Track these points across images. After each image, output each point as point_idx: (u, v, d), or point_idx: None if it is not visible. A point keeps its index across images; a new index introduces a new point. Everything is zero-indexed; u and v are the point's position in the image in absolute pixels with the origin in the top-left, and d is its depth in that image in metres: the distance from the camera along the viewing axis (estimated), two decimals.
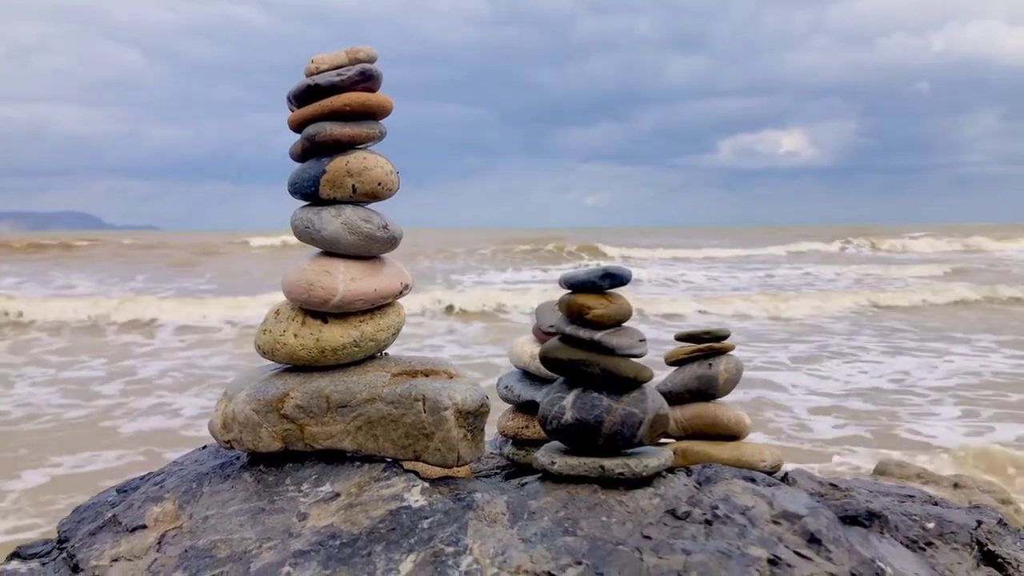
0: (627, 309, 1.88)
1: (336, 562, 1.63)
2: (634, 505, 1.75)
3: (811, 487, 2.03)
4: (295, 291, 1.94)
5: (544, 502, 1.77)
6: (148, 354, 9.77)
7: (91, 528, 1.91)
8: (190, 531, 1.79)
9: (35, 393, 7.53)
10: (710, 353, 2.20)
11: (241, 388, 1.98)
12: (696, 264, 25.85)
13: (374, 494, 1.81)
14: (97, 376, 8.33)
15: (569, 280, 1.89)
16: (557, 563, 1.57)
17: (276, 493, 1.86)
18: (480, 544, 1.64)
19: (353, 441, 1.92)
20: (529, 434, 2.20)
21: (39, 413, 6.77)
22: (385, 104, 1.96)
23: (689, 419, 2.18)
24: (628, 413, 1.82)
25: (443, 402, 1.88)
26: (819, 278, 20.94)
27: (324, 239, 1.94)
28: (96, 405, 7.05)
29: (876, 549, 1.72)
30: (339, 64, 1.95)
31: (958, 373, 8.24)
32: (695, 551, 1.59)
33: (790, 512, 1.73)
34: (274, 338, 1.96)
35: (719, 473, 1.93)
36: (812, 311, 13.74)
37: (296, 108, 1.97)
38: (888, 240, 36.32)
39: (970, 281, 17.99)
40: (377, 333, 1.97)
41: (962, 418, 6.50)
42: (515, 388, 2.25)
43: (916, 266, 23.05)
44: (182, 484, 1.97)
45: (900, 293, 15.77)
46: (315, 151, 1.95)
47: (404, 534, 1.69)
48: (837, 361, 9.07)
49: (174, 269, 22.21)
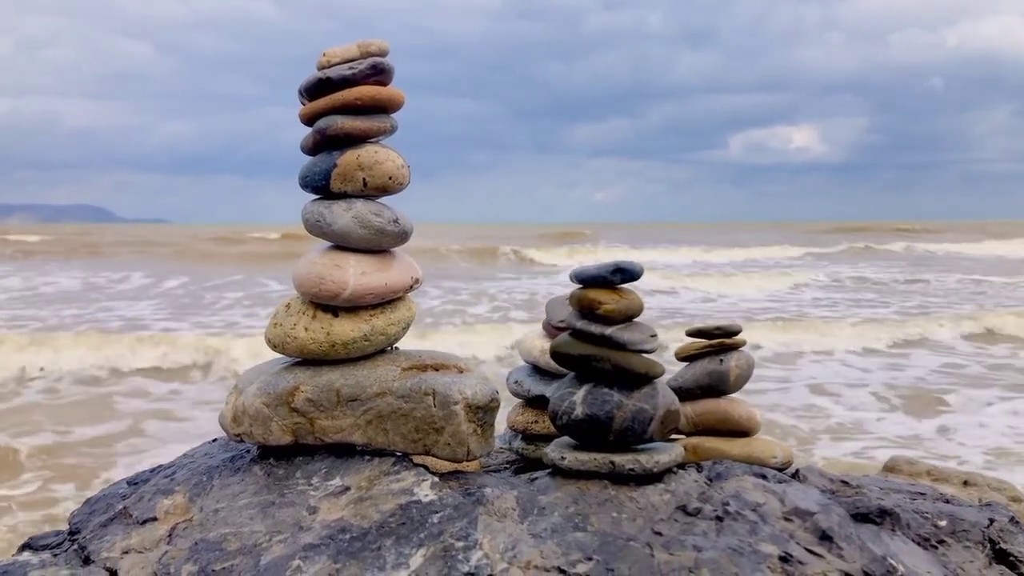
0: (638, 304, 1.87)
1: (346, 556, 1.63)
2: (645, 501, 1.75)
3: (822, 484, 2.02)
4: (306, 285, 1.94)
5: (554, 497, 1.76)
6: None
7: (102, 520, 1.92)
8: (200, 524, 1.80)
9: None
10: (721, 349, 2.19)
11: (251, 381, 1.98)
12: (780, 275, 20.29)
13: (384, 488, 1.81)
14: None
15: (580, 275, 1.88)
16: (567, 558, 1.57)
17: (286, 486, 1.86)
18: (490, 539, 1.64)
19: (363, 435, 1.92)
20: (539, 429, 2.19)
21: None
22: (396, 98, 1.96)
23: (700, 415, 2.17)
24: (639, 409, 1.81)
25: (453, 396, 1.88)
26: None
27: (335, 233, 1.94)
28: None
29: (888, 547, 1.71)
30: (351, 58, 1.94)
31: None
32: (706, 548, 1.58)
33: (801, 509, 1.72)
34: (285, 331, 1.96)
35: (730, 469, 1.92)
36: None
37: (307, 102, 1.97)
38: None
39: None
40: (387, 327, 1.97)
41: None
42: (525, 383, 2.24)
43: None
44: (192, 477, 1.97)
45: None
46: (326, 145, 1.95)
47: (414, 528, 1.69)
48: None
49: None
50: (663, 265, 22.97)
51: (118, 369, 8.82)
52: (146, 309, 14.17)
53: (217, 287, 17.46)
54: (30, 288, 17.71)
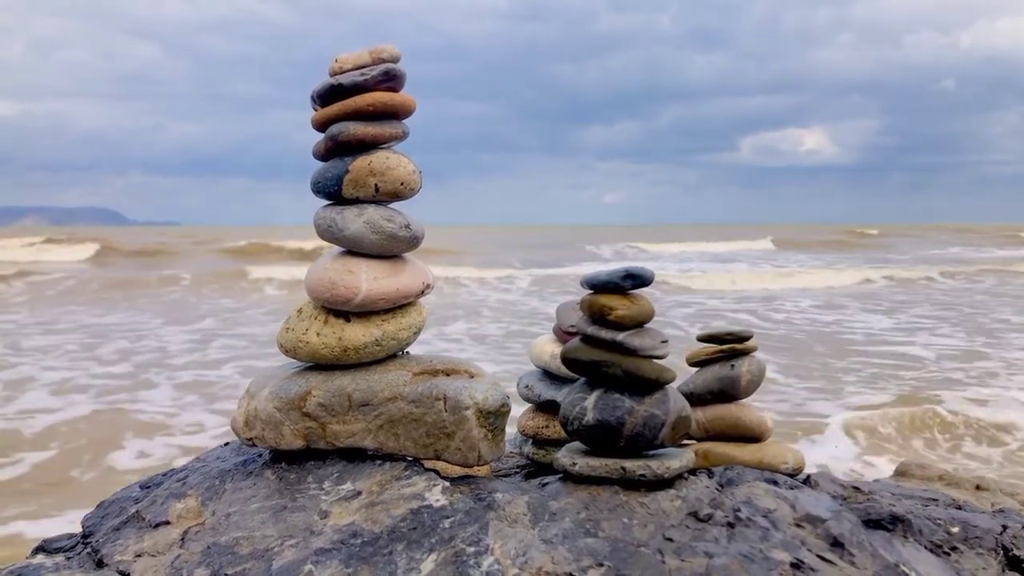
0: (649, 310, 1.87)
1: (358, 560, 1.64)
2: (656, 507, 1.75)
3: (833, 490, 2.01)
4: (318, 290, 1.95)
5: (565, 503, 1.76)
6: None
7: (115, 523, 1.93)
8: (213, 528, 1.81)
9: None
10: (732, 354, 2.19)
11: (263, 386, 1.99)
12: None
13: (395, 493, 1.82)
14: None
15: (591, 280, 1.88)
16: (578, 564, 1.57)
17: (298, 491, 1.87)
18: (501, 544, 1.64)
19: (374, 440, 1.93)
20: (549, 434, 2.20)
21: None
22: (408, 104, 1.96)
23: (711, 420, 2.17)
24: (650, 415, 1.82)
25: (464, 401, 1.88)
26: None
27: (347, 238, 1.95)
28: None
29: (900, 553, 1.70)
30: (362, 64, 1.95)
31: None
32: (717, 554, 1.58)
33: (813, 515, 1.72)
34: (296, 336, 1.97)
35: (741, 475, 1.92)
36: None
37: (320, 107, 1.98)
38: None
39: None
40: (399, 332, 1.98)
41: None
42: (535, 387, 2.25)
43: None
44: (205, 481, 1.98)
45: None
46: (338, 151, 1.96)
47: (425, 533, 1.69)
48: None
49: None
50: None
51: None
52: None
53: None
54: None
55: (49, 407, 7.36)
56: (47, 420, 6.91)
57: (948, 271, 22.76)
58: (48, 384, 8.32)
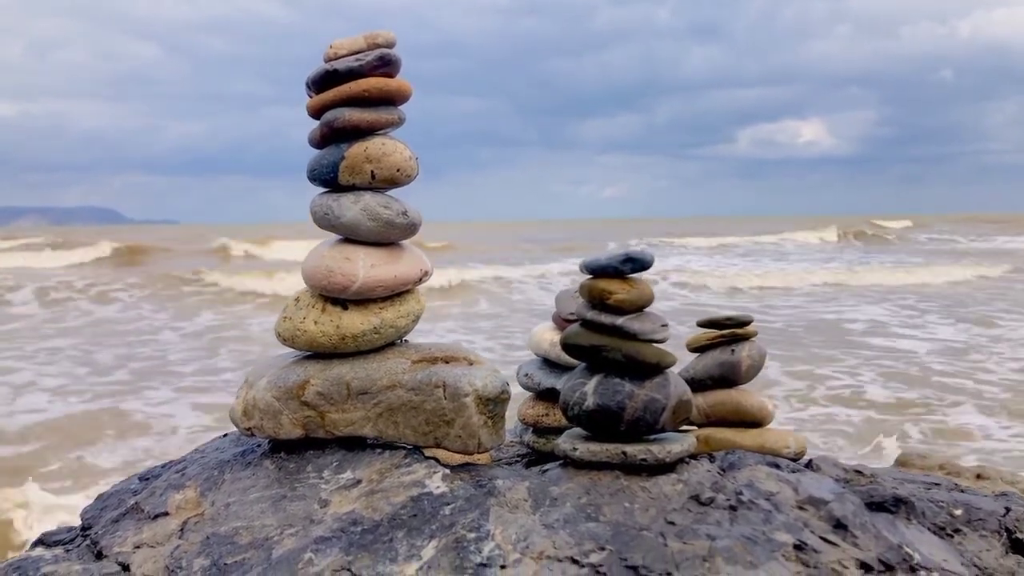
0: (648, 294, 1.86)
1: (358, 548, 1.62)
2: (657, 491, 1.73)
3: (836, 473, 2.00)
4: (315, 278, 1.94)
5: (566, 488, 1.75)
6: None
7: (114, 515, 1.92)
8: (212, 518, 1.79)
9: None
10: (733, 339, 2.18)
11: (262, 375, 1.98)
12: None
13: (395, 480, 1.81)
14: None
15: (590, 265, 1.87)
16: (580, 548, 1.56)
17: (297, 480, 1.86)
18: (502, 530, 1.63)
19: (374, 428, 1.92)
20: (549, 422, 2.18)
21: None
22: (404, 89, 1.95)
23: (711, 406, 2.16)
24: (651, 399, 1.80)
25: (463, 388, 1.87)
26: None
27: (343, 225, 1.93)
28: None
29: (903, 535, 1.69)
30: (358, 49, 1.93)
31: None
32: (720, 536, 1.57)
33: (816, 498, 1.71)
34: (294, 325, 1.95)
35: (743, 459, 1.91)
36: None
37: (315, 94, 1.96)
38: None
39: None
40: (397, 320, 1.96)
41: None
42: (535, 376, 2.24)
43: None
44: (203, 471, 1.97)
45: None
46: (334, 137, 1.94)
47: (426, 520, 1.68)
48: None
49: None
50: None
51: None
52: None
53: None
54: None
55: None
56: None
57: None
58: (46, 389, 8.31)
